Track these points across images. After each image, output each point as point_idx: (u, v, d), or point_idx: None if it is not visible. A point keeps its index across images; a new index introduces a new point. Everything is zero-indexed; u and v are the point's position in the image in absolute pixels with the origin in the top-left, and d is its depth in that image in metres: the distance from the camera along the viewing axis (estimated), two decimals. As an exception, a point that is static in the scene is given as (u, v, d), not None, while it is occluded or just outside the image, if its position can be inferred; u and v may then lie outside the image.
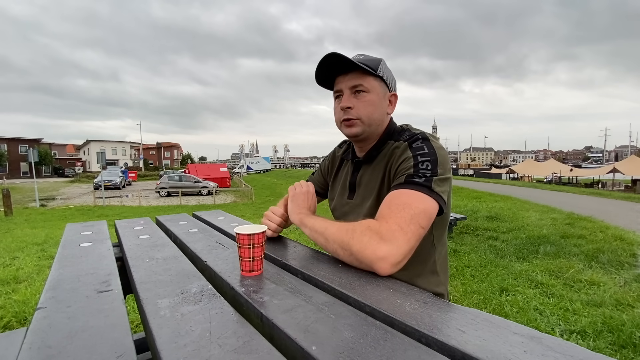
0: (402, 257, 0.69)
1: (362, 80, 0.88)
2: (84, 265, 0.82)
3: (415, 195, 0.75)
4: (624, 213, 7.16)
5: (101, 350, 0.45)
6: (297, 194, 1.00)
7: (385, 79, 0.92)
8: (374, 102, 0.90)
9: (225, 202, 17.05)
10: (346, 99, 0.90)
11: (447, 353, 0.43)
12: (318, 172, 1.20)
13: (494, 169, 46.84)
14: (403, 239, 0.69)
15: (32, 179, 22.79)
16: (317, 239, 0.82)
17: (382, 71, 0.91)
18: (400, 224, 0.70)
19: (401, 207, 0.73)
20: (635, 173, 19.55)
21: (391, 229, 0.69)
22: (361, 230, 0.72)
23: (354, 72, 0.88)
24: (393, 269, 0.68)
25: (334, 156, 1.14)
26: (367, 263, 0.69)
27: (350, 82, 0.89)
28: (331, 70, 0.91)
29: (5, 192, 10.17)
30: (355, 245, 0.71)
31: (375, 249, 0.68)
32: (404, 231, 0.69)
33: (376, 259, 0.68)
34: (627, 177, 20.93)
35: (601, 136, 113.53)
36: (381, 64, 0.91)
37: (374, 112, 0.91)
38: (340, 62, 0.87)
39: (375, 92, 0.90)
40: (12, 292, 2.60)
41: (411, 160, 0.81)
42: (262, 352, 0.43)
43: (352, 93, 0.90)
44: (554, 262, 3.40)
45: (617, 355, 1.83)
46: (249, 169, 55.63)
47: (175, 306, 0.57)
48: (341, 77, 0.91)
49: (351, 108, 0.89)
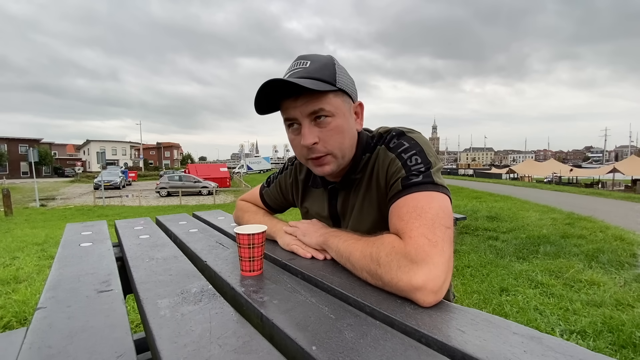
0: (443, 277, 0.56)
1: (322, 103, 0.70)
2: (84, 265, 0.82)
3: (423, 196, 0.65)
4: (624, 213, 7.16)
5: (101, 350, 0.45)
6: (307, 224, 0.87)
7: (346, 89, 0.74)
8: (342, 128, 0.73)
9: (225, 202, 17.04)
10: (307, 133, 0.71)
11: (447, 353, 0.43)
12: (275, 188, 1.04)
13: (494, 169, 46.85)
14: (436, 252, 0.57)
15: (32, 178, 22.79)
16: (345, 264, 0.70)
17: (341, 80, 0.72)
18: (425, 234, 0.59)
19: (415, 214, 0.62)
20: (635, 173, 19.54)
21: (419, 245, 0.58)
22: (386, 254, 0.60)
23: (308, 93, 0.69)
24: (437, 297, 0.55)
25: (295, 178, 0.99)
26: (405, 295, 0.57)
27: (307, 108, 0.70)
28: (274, 93, 0.71)
29: (6, 192, 10.17)
30: (385, 275, 0.59)
31: (410, 278, 0.55)
32: (433, 242, 0.58)
33: (414, 290, 0.55)
34: (627, 177, 20.93)
35: (601, 136, 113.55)
36: (336, 68, 0.73)
37: (345, 139, 0.75)
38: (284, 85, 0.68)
39: (341, 113, 0.73)
40: (12, 292, 2.60)
41: (397, 162, 0.71)
42: (262, 352, 0.43)
43: (311, 121, 0.72)
44: (554, 262, 3.40)
45: (617, 355, 1.83)
46: (249, 169, 55.65)
47: (175, 306, 0.57)
48: (290, 102, 0.71)
49: (317, 143, 0.72)
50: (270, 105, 0.75)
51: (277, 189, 1.04)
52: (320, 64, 0.72)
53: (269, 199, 1.07)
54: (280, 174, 1.05)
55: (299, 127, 0.73)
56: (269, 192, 1.06)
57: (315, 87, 0.67)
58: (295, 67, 0.72)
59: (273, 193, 1.05)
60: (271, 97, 0.72)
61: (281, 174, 1.04)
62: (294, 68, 0.72)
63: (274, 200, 1.06)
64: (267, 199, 1.07)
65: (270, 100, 0.73)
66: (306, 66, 0.71)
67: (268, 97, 0.71)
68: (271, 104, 0.75)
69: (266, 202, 1.08)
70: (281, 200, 1.05)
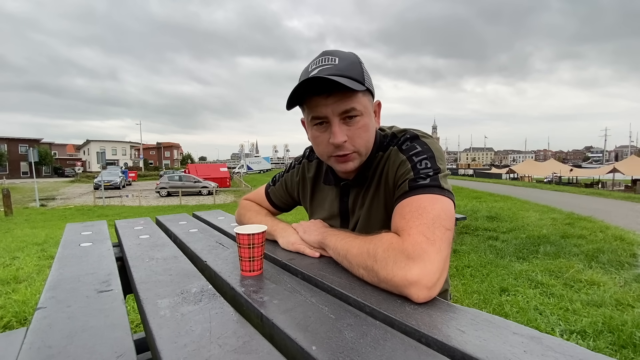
0: (437, 274, 0.57)
1: (354, 102, 0.70)
2: (84, 265, 0.82)
3: (427, 198, 0.65)
4: (624, 213, 7.16)
5: (101, 350, 0.45)
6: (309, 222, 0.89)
7: (371, 89, 0.75)
8: (369, 127, 0.75)
9: (225, 202, 17.04)
10: (338, 132, 0.71)
11: (447, 353, 0.43)
12: (281, 186, 1.04)
13: (494, 169, 46.85)
14: (433, 250, 0.58)
15: (32, 178, 22.80)
16: (342, 262, 0.71)
17: (367, 79, 0.73)
18: (424, 233, 0.60)
19: (417, 213, 0.63)
20: (635, 173, 19.54)
21: (416, 242, 0.59)
22: (383, 250, 0.61)
23: (340, 92, 0.69)
24: (431, 293, 0.56)
25: (303, 176, 0.99)
26: (398, 289, 0.58)
27: (340, 107, 0.70)
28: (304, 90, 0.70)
29: (6, 192, 10.17)
30: (381, 271, 0.60)
31: (405, 273, 0.56)
32: (431, 240, 0.59)
33: (408, 285, 0.56)
34: (627, 177, 20.93)
35: (601, 136, 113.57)
36: (363, 67, 0.73)
37: (370, 137, 0.77)
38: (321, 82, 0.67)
39: (368, 112, 0.74)
40: (12, 292, 2.60)
41: (407, 164, 0.72)
42: (262, 352, 0.43)
43: (341, 120, 0.72)
44: (554, 262, 3.40)
45: (617, 355, 1.83)
46: (249, 169, 55.64)
47: (175, 306, 0.57)
48: (321, 100, 0.70)
49: (346, 141, 0.73)
50: (297, 100, 0.74)
51: (283, 187, 1.04)
52: (348, 61, 0.71)
53: (274, 197, 1.07)
54: (286, 172, 1.05)
55: (326, 125, 0.73)
56: (274, 191, 1.07)
57: (351, 86, 0.66)
58: (323, 63, 0.70)
59: (279, 191, 1.05)
60: (300, 93, 0.71)
61: (287, 172, 1.04)
62: (322, 64, 0.70)
63: (279, 199, 1.06)
64: (273, 197, 1.07)
65: (298, 95, 0.72)
66: (335, 63, 0.70)
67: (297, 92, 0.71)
68: (298, 99, 0.74)
69: (272, 201, 1.07)
70: (287, 199, 1.05)
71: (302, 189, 1.01)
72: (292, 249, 0.86)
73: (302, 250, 0.84)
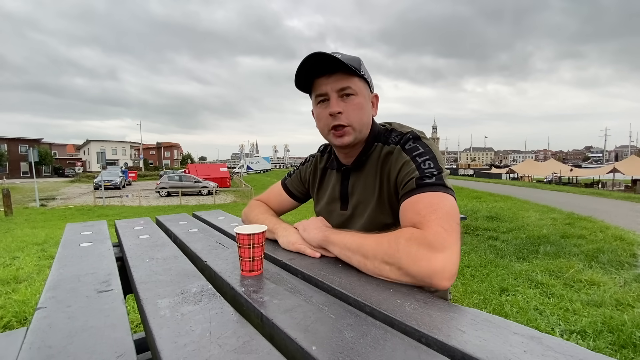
0: (457, 263, 0.62)
1: (349, 82, 0.83)
2: (84, 265, 0.82)
3: (436, 196, 0.71)
4: (624, 213, 7.16)
5: (101, 350, 0.45)
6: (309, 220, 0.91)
7: (367, 79, 0.88)
8: (362, 106, 0.86)
9: (225, 202, 17.04)
10: (335, 103, 0.83)
11: (447, 353, 0.43)
12: (296, 177, 1.13)
13: (494, 169, 46.86)
14: (452, 241, 0.63)
15: (32, 178, 22.79)
16: (352, 258, 0.73)
17: (364, 71, 0.86)
18: (442, 226, 0.64)
19: (432, 209, 0.68)
20: (635, 173, 19.54)
21: (437, 233, 0.63)
22: (406, 239, 0.64)
23: (339, 73, 0.82)
24: (451, 281, 0.61)
25: (315, 167, 1.08)
26: (421, 278, 0.61)
27: (337, 84, 0.83)
28: (310, 71, 0.84)
29: (6, 192, 10.17)
30: (404, 258, 0.62)
31: (430, 261, 0.60)
32: (449, 233, 0.63)
33: (433, 273, 0.60)
34: (627, 177, 20.93)
35: (601, 136, 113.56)
36: (362, 63, 0.86)
37: (363, 116, 0.86)
38: (322, 61, 0.80)
39: (362, 95, 0.86)
40: (12, 292, 2.60)
41: (411, 164, 0.77)
42: (262, 352, 0.43)
43: (339, 96, 0.84)
44: (554, 262, 3.40)
45: (617, 355, 1.83)
46: (249, 169, 55.63)
47: (175, 306, 0.57)
48: (323, 79, 0.84)
49: (341, 113, 0.83)
50: (305, 85, 0.89)
51: (298, 177, 1.13)
52: (349, 56, 0.84)
53: (291, 186, 1.14)
54: (302, 165, 1.14)
55: (327, 103, 0.85)
56: (291, 181, 1.14)
57: (348, 63, 0.79)
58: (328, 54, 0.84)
59: (295, 181, 1.13)
60: (308, 76, 0.85)
61: (302, 165, 1.14)
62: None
63: (295, 188, 1.13)
64: (290, 187, 1.14)
65: (306, 79, 0.87)
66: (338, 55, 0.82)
67: (306, 75, 0.85)
68: (306, 83, 0.88)
69: (289, 190, 1.14)
70: (301, 188, 1.12)
71: (312, 178, 1.08)
72: (293, 249, 0.87)
73: (303, 250, 0.85)
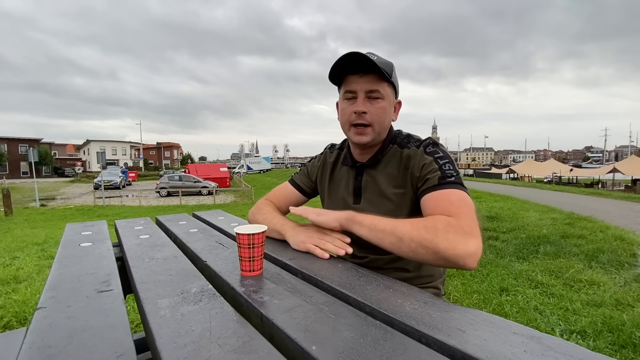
0: (482, 250, 0.71)
1: (379, 86, 0.88)
2: (84, 265, 0.82)
3: (461, 193, 0.79)
4: (624, 213, 7.16)
5: (101, 350, 0.45)
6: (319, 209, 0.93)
7: (396, 85, 0.93)
8: (386, 110, 0.91)
9: (225, 202, 17.04)
10: (361, 103, 0.89)
11: (447, 353, 0.43)
12: (304, 172, 1.17)
13: (494, 168, 46.87)
14: (479, 231, 0.71)
15: (32, 178, 22.79)
16: (384, 239, 0.75)
17: (394, 78, 0.91)
18: (472, 218, 0.72)
19: (461, 202, 0.76)
20: (635, 173, 19.54)
21: (470, 224, 0.71)
22: (443, 226, 0.70)
23: (371, 74, 0.87)
24: (477, 265, 0.70)
25: (325, 161, 1.11)
26: (455, 260, 0.68)
27: (367, 86, 0.88)
28: (345, 67, 0.89)
29: (6, 192, 10.17)
30: (442, 242, 0.68)
31: (467, 245, 0.68)
32: (477, 224, 0.72)
33: (467, 255, 0.68)
34: (627, 177, 20.93)
35: (601, 136, 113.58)
36: (394, 69, 0.91)
37: (385, 119, 0.92)
38: (359, 60, 0.86)
39: (388, 99, 0.91)
40: (12, 292, 2.60)
41: (434, 164, 0.84)
42: (262, 352, 0.43)
43: (366, 97, 0.89)
44: (554, 262, 3.39)
45: (617, 355, 1.83)
46: (249, 169, 55.64)
47: (175, 306, 0.57)
48: (355, 78, 0.89)
49: (366, 113, 0.89)
50: (337, 78, 0.94)
51: (305, 172, 1.16)
52: (384, 60, 0.89)
53: (299, 181, 1.16)
54: (309, 162, 1.18)
55: (354, 100, 0.90)
56: (299, 177, 1.17)
57: (383, 68, 0.85)
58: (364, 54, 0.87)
59: (302, 175, 1.17)
60: (341, 70, 0.90)
61: (309, 162, 1.17)
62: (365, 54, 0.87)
63: (303, 182, 1.16)
64: (298, 181, 1.16)
65: (340, 73, 0.91)
66: (374, 57, 0.86)
67: (340, 68, 0.89)
68: (338, 77, 0.93)
69: (297, 185, 1.16)
70: (308, 182, 1.15)
71: (321, 172, 1.11)
72: (302, 249, 0.86)
73: (312, 250, 0.84)
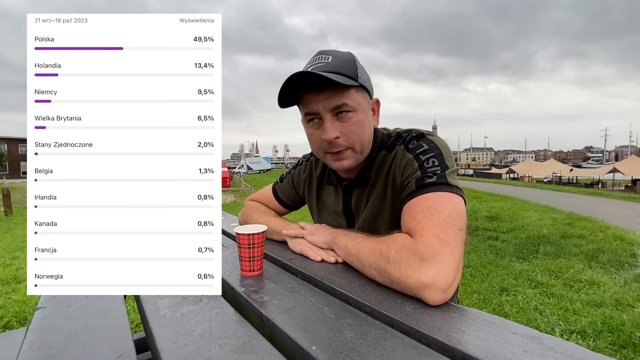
0: (452, 276, 0.56)
1: (345, 98, 0.70)
2: (84, 265, 0.82)
3: (437, 197, 0.65)
4: (624, 213, 7.15)
5: (101, 350, 0.45)
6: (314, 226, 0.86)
7: (366, 85, 0.75)
8: (363, 122, 0.74)
9: (225, 202, 17.01)
10: (330, 127, 0.71)
11: (447, 353, 0.43)
12: (288, 182, 1.05)
13: (494, 169, 46.89)
14: (447, 252, 0.57)
15: (32, 178, 22.68)
16: (353, 262, 0.69)
17: (362, 76, 0.74)
18: (437, 234, 0.59)
19: (429, 214, 0.62)
20: (635, 173, 19.54)
21: (430, 243, 0.58)
22: (396, 251, 0.60)
23: (330, 88, 0.70)
24: (446, 295, 0.55)
25: (310, 174, 0.99)
26: (412, 293, 0.57)
27: (330, 103, 0.70)
28: (296, 85, 0.71)
29: (6, 192, 10.16)
30: (394, 272, 0.58)
31: (420, 275, 0.55)
32: (445, 242, 0.58)
33: (422, 287, 0.55)
34: (627, 177, 20.94)
35: (601, 136, 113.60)
36: (357, 65, 0.74)
37: (365, 134, 0.75)
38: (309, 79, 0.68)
39: (361, 109, 0.74)
40: (12, 292, 2.60)
41: (414, 163, 0.71)
42: (262, 352, 0.43)
43: (333, 115, 0.72)
44: (554, 262, 3.39)
45: (617, 355, 1.83)
46: (249, 169, 55.64)
47: (175, 306, 0.57)
48: (312, 96, 0.71)
49: (339, 137, 0.72)
50: (291, 99, 0.76)
51: (290, 183, 1.04)
52: (341, 59, 0.72)
53: (282, 194, 1.06)
54: (293, 169, 1.05)
55: (320, 122, 0.74)
56: (281, 187, 1.06)
57: (341, 81, 0.67)
58: (317, 62, 0.72)
59: (286, 188, 1.05)
60: (293, 90, 0.73)
61: (295, 169, 1.04)
62: (316, 62, 0.72)
63: (286, 195, 1.06)
64: (281, 194, 1.06)
65: (292, 93, 0.74)
66: (328, 61, 0.71)
67: (291, 90, 0.72)
68: (292, 97, 0.75)
69: (279, 198, 1.07)
70: (293, 195, 1.05)
71: (307, 187, 1.00)
72: (297, 250, 0.85)
73: (306, 252, 0.82)
